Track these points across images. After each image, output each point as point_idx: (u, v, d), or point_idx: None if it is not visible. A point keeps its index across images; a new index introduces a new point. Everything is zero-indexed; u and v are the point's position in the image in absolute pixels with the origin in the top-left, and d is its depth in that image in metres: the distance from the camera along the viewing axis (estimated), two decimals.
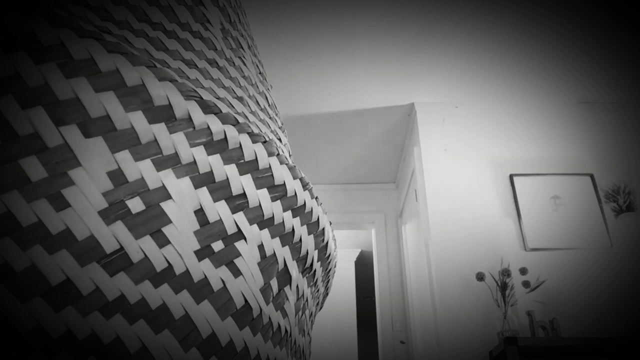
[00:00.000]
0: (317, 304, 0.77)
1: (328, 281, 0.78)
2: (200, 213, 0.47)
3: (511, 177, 3.30)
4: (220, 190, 0.49)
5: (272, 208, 0.55)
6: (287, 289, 0.59)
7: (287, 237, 0.58)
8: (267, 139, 0.57)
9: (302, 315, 0.65)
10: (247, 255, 0.51)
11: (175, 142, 0.46)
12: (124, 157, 0.43)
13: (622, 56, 3.20)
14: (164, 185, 0.45)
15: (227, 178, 0.50)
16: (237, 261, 0.50)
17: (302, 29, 3.05)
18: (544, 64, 3.28)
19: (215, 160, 0.49)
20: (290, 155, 0.79)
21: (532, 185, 3.27)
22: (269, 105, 0.77)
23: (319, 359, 5.03)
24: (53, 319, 0.38)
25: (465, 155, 3.43)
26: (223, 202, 0.50)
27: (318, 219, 0.64)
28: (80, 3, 0.51)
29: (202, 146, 0.48)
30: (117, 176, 0.42)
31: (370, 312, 6.55)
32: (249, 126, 0.55)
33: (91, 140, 0.41)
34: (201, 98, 0.50)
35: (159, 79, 0.46)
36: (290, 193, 0.58)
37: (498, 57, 3.25)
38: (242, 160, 0.52)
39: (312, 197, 0.63)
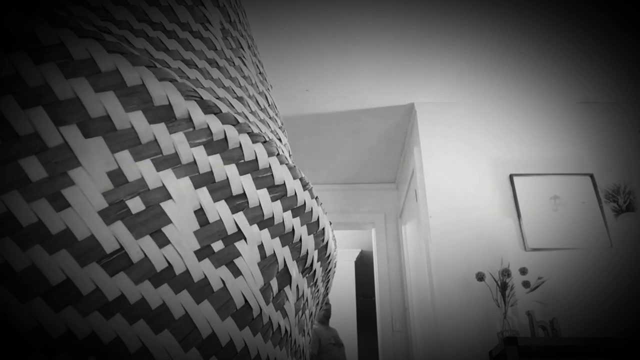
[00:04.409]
0: (317, 304, 0.77)
1: (328, 281, 0.78)
2: (200, 213, 0.47)
3: (511, 177, 3.30)
4: (220, 190, 0.49)
5: (272, 208, 0.55)
6: (287, 289, 0.59)
7: (287, 237, 0.58)
8: (267, 139, 0.57)
9: (302, 315, 0.65)
10: (247, 255, 0.51)
11: (175, 142, 0.46)
12: (124, 157, 0.43)
13: (622, 56, 3.20)
14: (164, 185, 0.45)
15: (227, 178, 0.50)
16: (237, 261, 0.50)
17: (299, 27, 3.05)
18: (544, 64, 3.28)
19: (215, 160, 0.49)
20: (290, 155, 0.79)
21: (532, 185, 3.27)
22: (269, 105, 0.77)
23: None
24: (53, 319, 0.38)
25: (465, 155, 3.43)
26: (223, 202, 0.50)
27: (318, 219, 0.64)
28: (80, 3, 0.51)
29: (202, 146, 0.48)
30: (117, 176, 0.42)
31: (370, 312, 6.55)
32: (249, 126, 0.55)
33: (91, 140, 0.41)
34: (201, 98, 0.50)
35: (159, 79, 0.46)
36: (290, 193, 0.58)
37: (498, 57, 3.25)
38: (242, 160, 0.52)
39: (312, 197, 0.63)
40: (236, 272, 0.50)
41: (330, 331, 3.82)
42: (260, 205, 0.53)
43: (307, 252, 0.63)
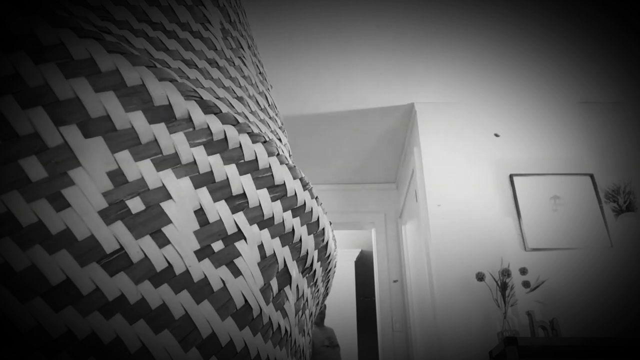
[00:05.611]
0: (317, 304, 0.77)
1: (328, 281, 0.78)
2: (200, 213, 0.47)
3: (511, 177, 3.30)
4: (220, 190, 0.49)
5: (272, 208, 0.55)
6: (287, 289, 0.59)
7: (287, 237, 0.58)
8: (267, 139, 0.57)
9: (302, 315, 0.65)
10: (247, 255, 0.51)
11: (175, 142, 0.46)
12: (124, 157, 0.43)
13: (622, 56, 3.20)
14: (164, 185, 0.45)
15: (227, 178, 0.50)
16: (237, 261, 0.50)
17: (299, 27, 3.05)
18: (544, 64, 3.28)
19: (215, 160, 0.49)
20: (290, 155, 0.79)
21: (532, 185, 3.27)
22: (269, 105, 0.77)
23: None
24: (53, 319, 0.38)
25: (465, 155, 3.43)
26: (223, 202, 0.50)
27: (318, 219, 0.64)
28: (80, 3, 0.51)
29: (202, 146, 0.48)
30: (117, 176, 0.42)
31: (370, 312, 6.54)
32: (249, 126, 0.55)
33: (91, 140, 0.41)
34: (201, 98, 0.50)
35: (159, 79, 0.46)
36: (290, 193, 0.58)
37: (498, 57, 3.25)
38: (242, 160, 0.52)
39: (312, 197, 0.63)
40: (236, 272, 0.50)
41: (325, 332, 3.79)
42: (260, 205, 0.53)
43: (307, 252, 0.63)
